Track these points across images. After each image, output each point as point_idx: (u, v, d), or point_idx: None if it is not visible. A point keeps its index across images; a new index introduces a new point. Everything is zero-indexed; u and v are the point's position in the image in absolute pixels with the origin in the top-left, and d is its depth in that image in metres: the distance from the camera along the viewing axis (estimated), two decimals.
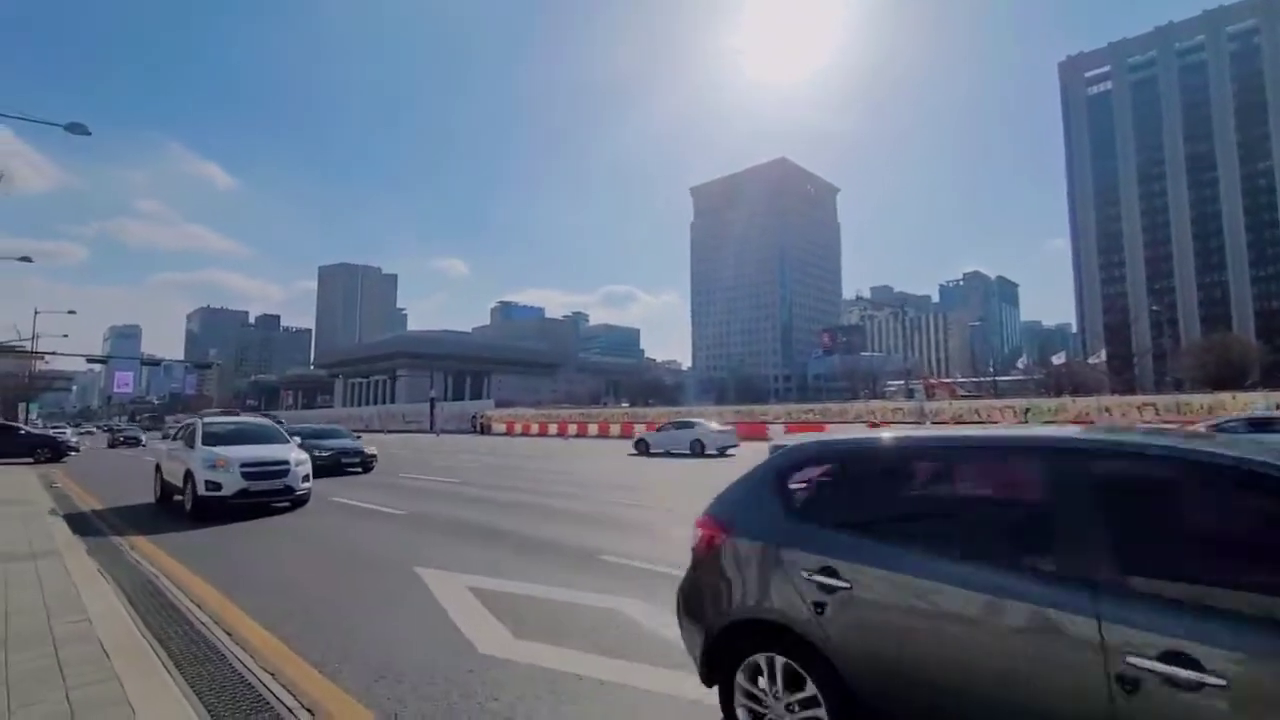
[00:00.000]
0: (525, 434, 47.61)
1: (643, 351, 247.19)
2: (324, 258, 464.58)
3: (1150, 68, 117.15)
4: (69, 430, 38.42)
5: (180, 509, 10.24)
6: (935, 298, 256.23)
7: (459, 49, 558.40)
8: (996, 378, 69.13)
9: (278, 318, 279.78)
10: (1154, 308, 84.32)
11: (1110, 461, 2.22)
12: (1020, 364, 68.99)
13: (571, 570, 6.21)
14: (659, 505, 10.41)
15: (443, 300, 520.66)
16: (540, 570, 6.18)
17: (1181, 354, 79.17)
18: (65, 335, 54.72)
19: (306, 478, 10.48)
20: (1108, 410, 24.94)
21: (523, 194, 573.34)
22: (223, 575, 6.09)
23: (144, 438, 40.71)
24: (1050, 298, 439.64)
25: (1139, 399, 25.32)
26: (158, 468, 11.77)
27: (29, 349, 39.13)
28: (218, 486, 9.43)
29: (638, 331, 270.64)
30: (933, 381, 51.62)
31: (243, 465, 9.72)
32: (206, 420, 11.65)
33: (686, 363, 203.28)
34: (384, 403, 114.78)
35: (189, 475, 9.70)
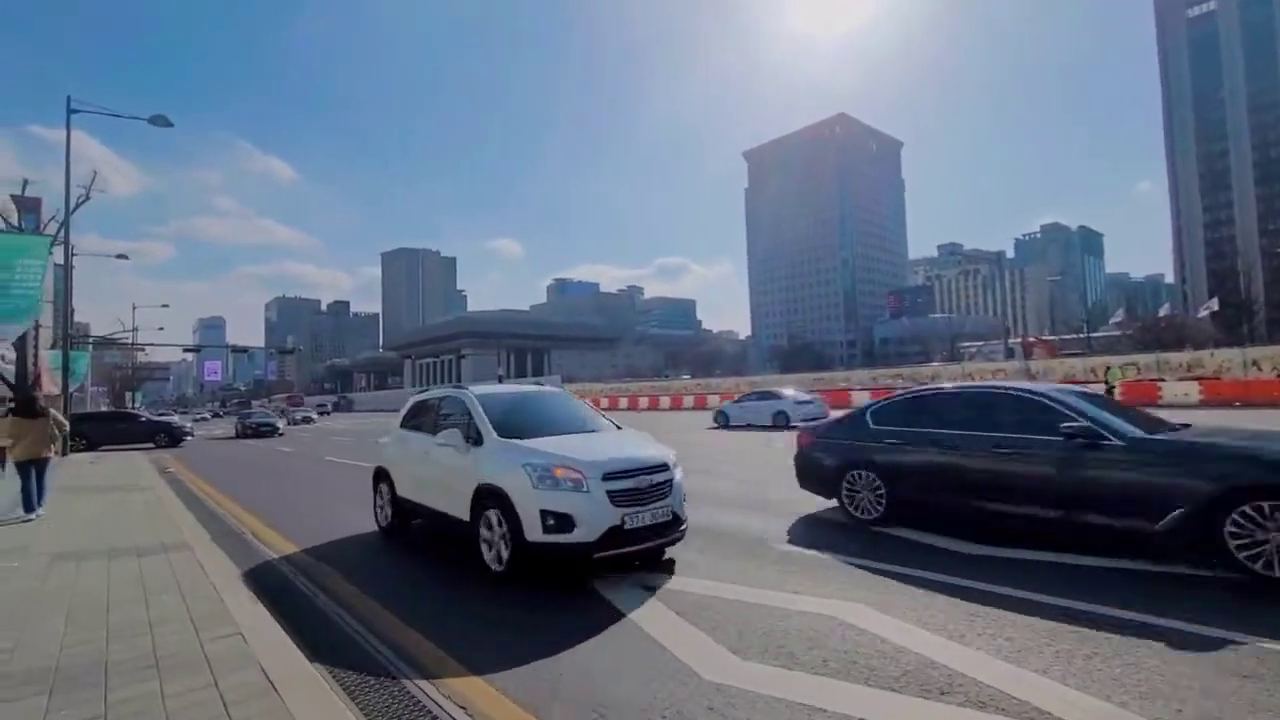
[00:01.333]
0: (594, 408, 47.41)
1: (699, 323, 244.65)
2: (385, 244, 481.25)
3: None
4: (175, 415, 40.33)
5: (430, 544, 6.43)
6: (1010, 253, 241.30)
7: (502, 24, 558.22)
8: (1090, 334, 64.26)
9: (347, 304, 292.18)
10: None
11: None
12: (1115, 319, 63.71)
13: (747, 561, 5.34)
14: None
15: (498, 280, 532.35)
16: (711, 563, 5.33)
17: None
18: (161, 328, 58.21)
19: (684, 497, 5.48)
20: (1255, 364, 22.08)
21: (570, 171, 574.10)
22: (356, 570, 5.55)
23: (282, 425, 31.88)
24: (1139, 247, 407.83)
25: None
26: (382, 475, 7.06)
27: (130, 341, 41.51)
28: (567, 524, 4.71)
29: (694, 303, 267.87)
30: (1032, 340, 48.06)
31: (606, 476, 4.89)
32: (481, 392, 6.30)
33: (743, 332, 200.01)
34: (449, 381, 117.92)
35: (491, 498, 5.10)
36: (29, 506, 8.18)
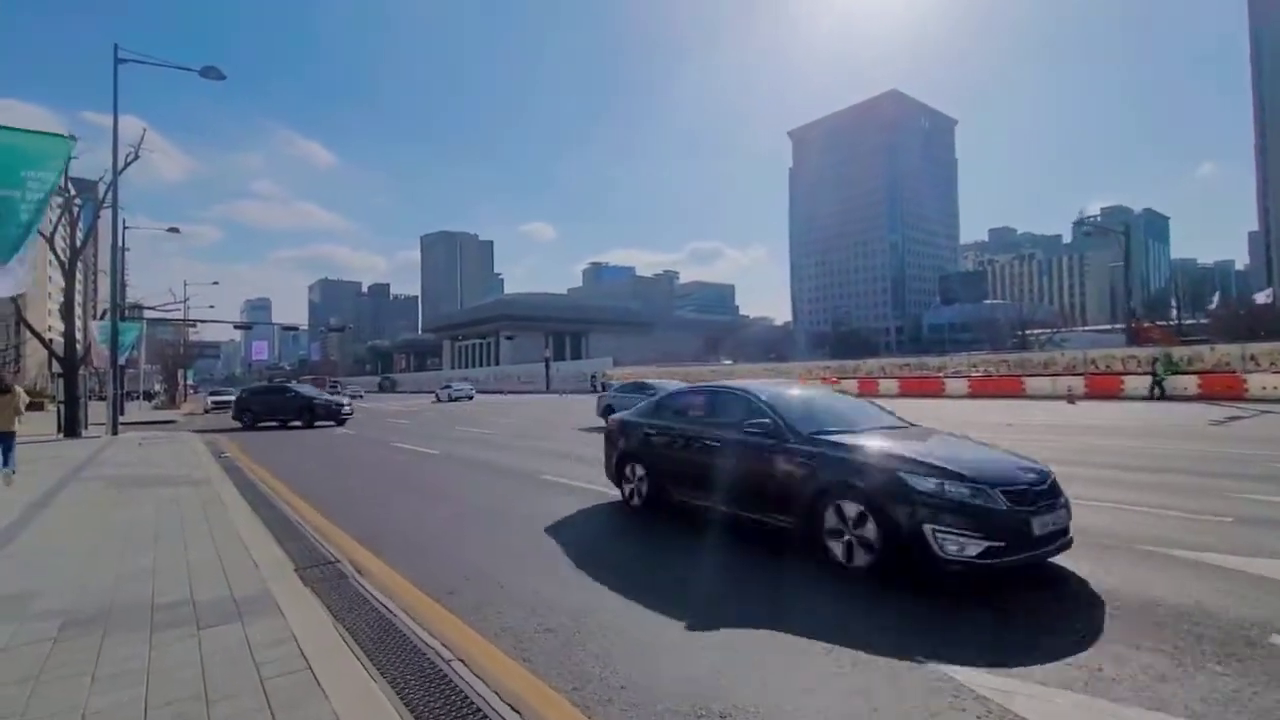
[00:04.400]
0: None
1: (737, 308, 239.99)
2: (421, 228, 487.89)
3: None
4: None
5: None
6: (1067, 237, 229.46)
7: (537, 8, 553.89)
8: (1181, 321, 59.18)
9: (387, 286, 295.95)
10: None
11: None
12: (1212, 305, 58.58)
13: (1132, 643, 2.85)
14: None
15: (533, 264, 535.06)
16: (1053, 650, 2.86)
17: None
18: (211, 306, 58.08)
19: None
20: None
21: (603, 155, 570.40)
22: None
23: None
24: (1203, 232, 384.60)
25: None
26: None
27: (181, 316, 40.72)
28: None
29: (732, 287, 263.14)
30: (1147, 325, 43.80)
31: None
32: None
33: (778, 318, 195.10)
34: (488, 364, 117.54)
35: None
36: None
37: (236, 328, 42.58)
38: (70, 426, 17.92)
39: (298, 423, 21.10)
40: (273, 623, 3.48)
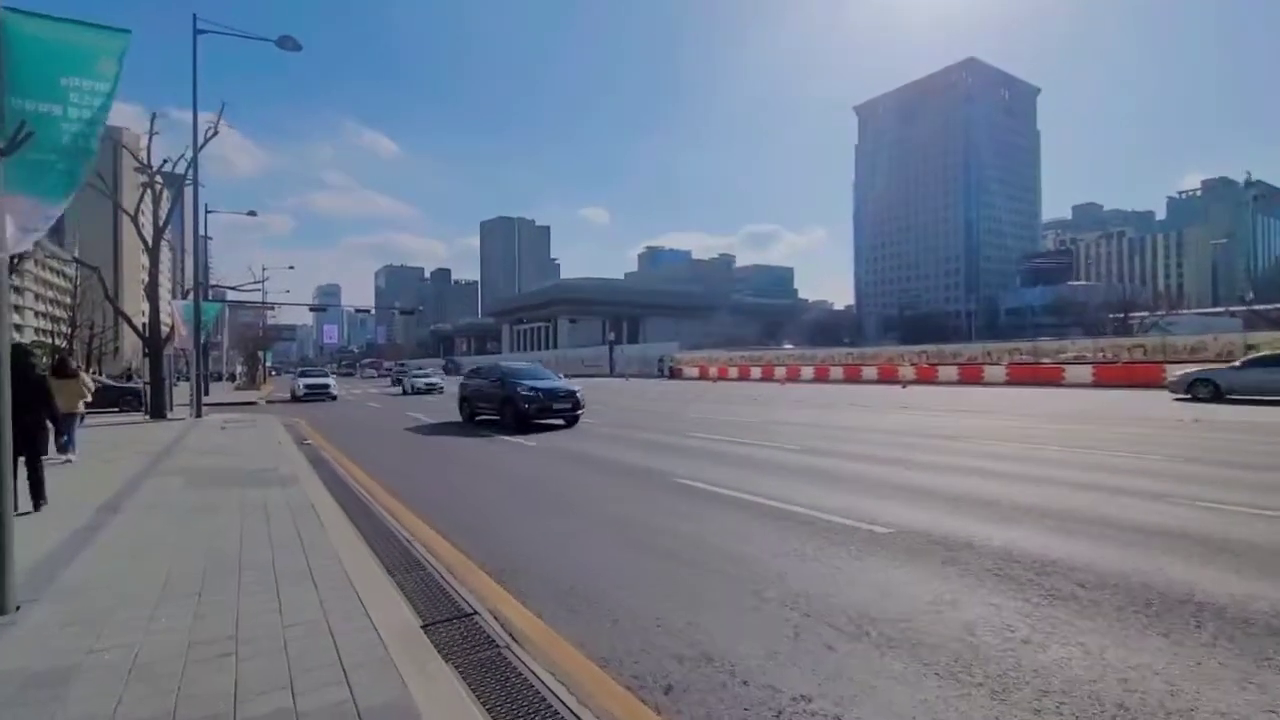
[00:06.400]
0: (722, 378, 43.20)
1: (796, 291, 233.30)
2: (480, 214, 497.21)
3: None
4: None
5: None
6: (1160, 214, 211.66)
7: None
8: None
9: (449, 271, 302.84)
10: None
11: None
12: None
13: None
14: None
15: (588, 249, 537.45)
16: None
17: None
18: (288, 291, 59.47)
19: None
20: None
21: (656, 138, 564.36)
22: None
23: None
24: None
25: None
26: None
27: (260, 300, 41.42)
28: None
29: (791, 271, 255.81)
30: None
31: None
32: None
33: (837, 302, 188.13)
34: (547, 347, 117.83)
35: None
36: (59, 450, 8.98)
37: (311, 310, 43.48)
38: (156, 408, 17.64)
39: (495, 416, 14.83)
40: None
